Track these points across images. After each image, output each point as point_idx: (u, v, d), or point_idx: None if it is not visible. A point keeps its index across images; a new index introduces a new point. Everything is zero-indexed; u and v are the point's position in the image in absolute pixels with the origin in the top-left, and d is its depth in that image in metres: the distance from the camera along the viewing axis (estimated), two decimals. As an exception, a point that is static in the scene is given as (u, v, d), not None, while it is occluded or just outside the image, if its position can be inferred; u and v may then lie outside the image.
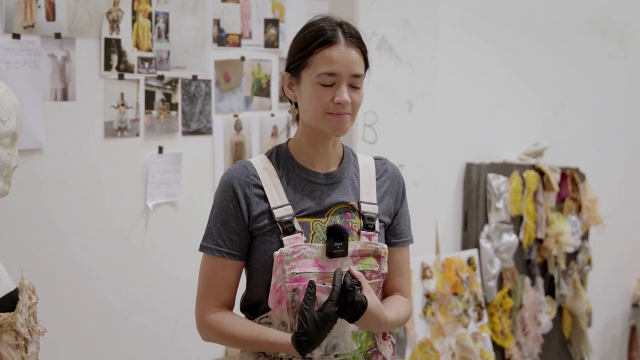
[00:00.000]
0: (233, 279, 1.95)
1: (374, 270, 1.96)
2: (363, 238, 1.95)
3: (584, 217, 4.65)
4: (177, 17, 3.05)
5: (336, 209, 1.95)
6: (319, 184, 1.96)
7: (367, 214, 1.97)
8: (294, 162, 1.97)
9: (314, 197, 1.94)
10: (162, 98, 3.02)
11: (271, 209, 1.90)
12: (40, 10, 2.65)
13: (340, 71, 1.88)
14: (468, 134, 4.11)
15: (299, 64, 1.93)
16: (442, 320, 3.79)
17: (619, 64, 5.00)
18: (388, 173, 2.06)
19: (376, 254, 1.96)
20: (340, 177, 1.99)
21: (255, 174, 1.93)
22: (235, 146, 3.28)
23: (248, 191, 1.92)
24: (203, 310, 1.96)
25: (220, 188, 1.95)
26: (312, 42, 1.90)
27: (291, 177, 1.95)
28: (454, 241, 4.08)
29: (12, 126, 1.81)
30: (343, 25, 1.92)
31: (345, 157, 2.02)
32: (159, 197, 3.03)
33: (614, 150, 5.04)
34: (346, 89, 1.88)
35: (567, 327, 4.67)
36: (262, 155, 2.01)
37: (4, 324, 1.74)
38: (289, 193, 1.93)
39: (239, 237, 1.92)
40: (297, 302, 1.88)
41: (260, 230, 1.91)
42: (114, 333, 2.94)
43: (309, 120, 1.93)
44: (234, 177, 1.94)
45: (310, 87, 1.90)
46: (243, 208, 1.91)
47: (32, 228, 2.70)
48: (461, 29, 4.01)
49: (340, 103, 1.88)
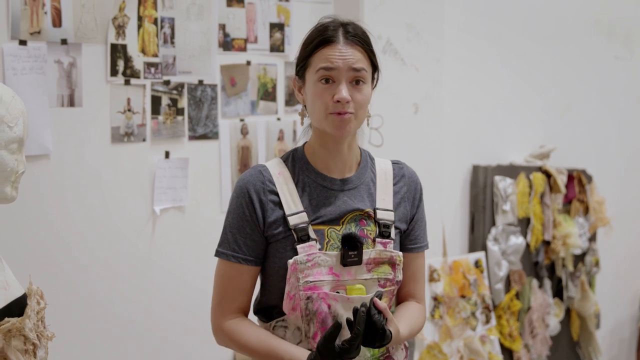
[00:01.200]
0: (249, 285, 1.94)
1: (389, 278, 1.94)
2: (378, 246, 1.93)
3: (591, 219, 4.64)
4: (183, 22, 3.06)
5: (351, 216, 1.93)
6: (335, 190, 1.93)
7: (383, 221, 1.95)
8: (310, 167, 1.95)
9: (329, 203, 1.92)
10: (168, 103, 3.02)
11: (286, 216, 1.89)
12: (47, 17, 2.66)
13: (337, 65, 1.85)
14: (474, 136, 4.11)
15: (302, 65, 1.92)
16: (450, 323, 3.79)
17: (625, 65, 4.99)
18: (405, 178, 2.03)
19: (391, 262, 1.94)
20: (357, 182, 1.96)
21: (271, 180, 1.91)
22: (241, 150, 3.28)
23: (263, 197, 1.90)
24: (219, 317, 1.94)
25: (235, 193, 1.93)
26: (312, 42, 1.89)
27: (307, 182, 1.93)
28: (461, 244, 4.07)
29: (20, 132, 1.81)
30: (348, 25, 1.91)
31: (362, 162, 2.00)
32: (166, 202, 3.03)
33: (620, 151, 5.03)
34: (346, 87, 1.85)
35: (575, 329, 4.66)
36: (278, 159, 1.98)
37: (13, 329, 1.74)
38: (304, 200, 1.91)
39: (255, 242, 1.91)
40: (310, 310, 1.87)
41: (275, 237, 1.90)
42: (122, 338, 2.95)
43: (315, 122, 1.92)
44: (250, 182, 1.91)
45: (312, 87, 1.88)
46: (259, 214, 1.89)
47: (39, 233, 2.71)
48: (466, 32, 4.00)
49: (339, 101, 1.84)
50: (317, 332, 1.88)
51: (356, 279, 1.90)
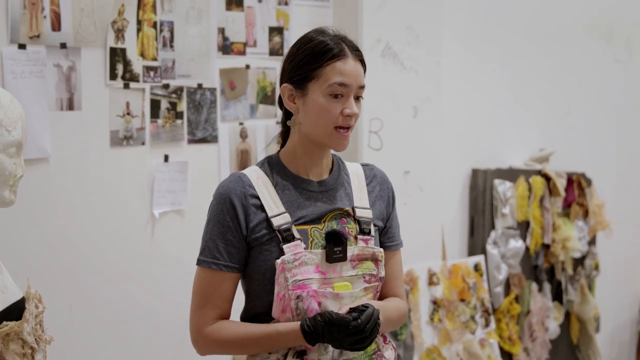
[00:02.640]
0: (231, 292, 1.95)
1: (373, 274, 1.98)
2: (360, 242, 1.97)
3: (590, 222, 4.64)
4: (182, 26, 3.06)
5: (332, 215, 1.97)
6: (313, 191, 1.97)
7: (362, 218, 2.00)
8: (287, 171, 1.98)
9: (309, 204, 1.96)
10: (167, 107, 3.03)
11: (269, 217, 1.91)
12: (46, 21, 2.66)
13: (350, 83, 1.91)
14: (474, 139, 4.11)
15: (305, 75, 1.93)
16: (450, 326, 3.79)
17: (624, 68, 4.99)
18: (377, 178, 2.09)
19: (374, 258, 1.98)
20: (333, 184, 2.01)
21: (251, 184, 1.94)
22: (241, 154, 3.28)
23: (245, 202, 1.92)
24: (200, 323, 1.94)
25: (215, 201, 1.95)
26: (321, 55, 1.91)
27: (285, 185, 1.96)
28: (461, 247, 4.07)
29: (18, 136, 1.81)
30: (345, 39, 1.95)
31: (335, 165, 2.05)
32: (165, 205, 3.03)
33: (620, 154, 5.03)
34: (354, 102, 1.93)
35: (574, 332, 4.65)
36: (254, 166, 2.02)
37: (11, 332, 1.74)
38: (284, 201, 1.94)
39: (236, 249, 1.92)
40: (301, 308, 1.89)
41: (259, 240, 1.92)
42: (121, 341, 2.94)
43: (315, 134, 1.94)
44: (230, 189, 1.93)
45: (322, 99, 1.91)
46: (241, 219, 1.91)
47: (38, 237, 2.71)
48: (466, 35, 4.01)
49: (349, 115, 1.91)
50: None
51: (342, 276, 1.94)
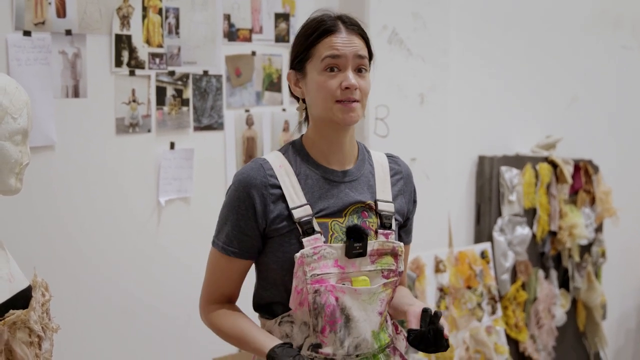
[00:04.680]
0: (237, 276, 1.95)
1: (392, 269, 1.94)
2: (380, 237, 1.94)
3: (597, 209, 4.63)
4: (188, 13, 3.05)
5: (353, 208, 1.92)
6: (336, 182, 1.93)
7: (384, 212, 1.95)
8: (310, 159, 1.93)
9: (331, 195, 1.91)
10: (173, 94, 3.01)
11: (290, 209, 1.87)
12: (51, 7, 2.65)
13: (344, 53, 1.86)
14: (480, 126, 4.09)
15: (302, 57, 1.91)
16: (456, 313, 3.78)
17: (632, 54, 4.97)
18: (402, 173, 2.04)
19: (393, 253, 1.94)
20: (357, 174, 1.96)
21: (272, 173, 1.89)
22: (247, 141, 3.27)
23: (265, 192, 1.87)
24: (206, 299, 1.99)
25: (234, 187, 1.91)
26: (313, 33, 1.89)
27: (308, 174, 1.92)
28: (467, 234, 4.06)
29: (24, 123, 1.80)
30: (342, 17, 1.92)
31: (360, 154, 2.00)
32: (171, 192, 3.03)
33: (627, 141, 5.01)
34: (352, 74, 1.87)
35: (581, 319, 4.65)
36: (277, 152, 1.97)
37: (18, 321, 1.74)
38: (306, 192, 1.90)
39: (248, 237, 1.89)
40: (318, 303, 1.86)
41: (279, 231, 1.88)
42: (127, 329, 2.95)
43: (319, 112, 1.90)
44: (250, 177, 1.89)
45: (317, 76, 1.87)
46: (258, 210, 1.87)
47: (44, 225, 2.71)
48: (473, 22, 3.98)
49: (348, 87, 1.85)
50: (325, 326, 1.87)
51: (360, 270, 1.90)
